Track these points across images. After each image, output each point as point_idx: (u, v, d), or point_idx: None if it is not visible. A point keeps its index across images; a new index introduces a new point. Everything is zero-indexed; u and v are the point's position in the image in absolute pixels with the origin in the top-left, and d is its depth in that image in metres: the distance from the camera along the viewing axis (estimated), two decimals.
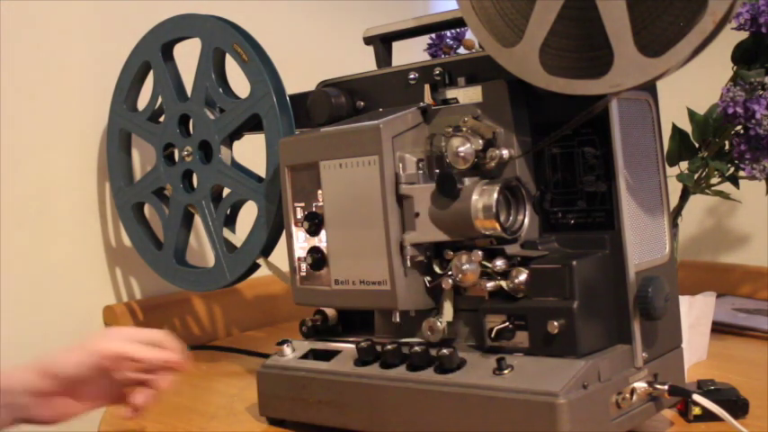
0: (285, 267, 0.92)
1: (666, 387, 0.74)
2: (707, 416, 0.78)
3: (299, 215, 0.86)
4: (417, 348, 0.77)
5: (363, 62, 0.99)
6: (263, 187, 0.98)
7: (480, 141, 0.77)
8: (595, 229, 0.75)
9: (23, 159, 1.12)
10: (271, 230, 0.98)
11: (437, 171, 0.80)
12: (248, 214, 1.02)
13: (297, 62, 1.24)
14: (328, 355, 0.84)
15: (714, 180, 0.99)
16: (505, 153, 0.76)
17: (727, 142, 0.95)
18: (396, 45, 0.96)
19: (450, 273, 0.78)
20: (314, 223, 0.84)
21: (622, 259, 0.73)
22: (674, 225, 0.94)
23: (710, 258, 1.48)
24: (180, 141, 1.07)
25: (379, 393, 0.77)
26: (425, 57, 1.11)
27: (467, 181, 0.76)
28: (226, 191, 1.04)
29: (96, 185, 1.21)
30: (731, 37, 0.89)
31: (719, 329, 1.16)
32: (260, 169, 1.00)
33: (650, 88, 0.78)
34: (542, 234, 0.78)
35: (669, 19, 0.63)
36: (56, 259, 1.16)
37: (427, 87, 0.84)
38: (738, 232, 1.46)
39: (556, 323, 0.70)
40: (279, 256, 0.98)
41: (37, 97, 1.14)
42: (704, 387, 0.81)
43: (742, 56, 0.94)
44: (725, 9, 0.61)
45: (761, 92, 0.88)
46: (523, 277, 0.74)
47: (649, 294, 0.72)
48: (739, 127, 0.92)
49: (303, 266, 0.86)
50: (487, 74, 0.79)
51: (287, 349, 0.88)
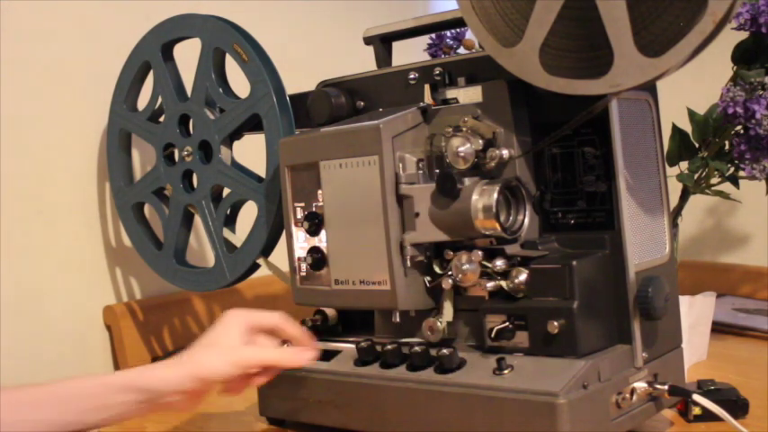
0: (285, 267, 0.92)
1: (666, 387, 0.74)
2: (707, 416, 0.79)
3: (299, 215, 0.86)
4: (417, 348, 0.77)
5: (363, 62, 0.99)
6: (263, 187, 0.98)
7: (480, 141, 0.77)
8: (595, 229, 0.75)
9: (23, 159, 1.12)
10: (271, 230, 0.98)
11: (437, 171, 0.80)
12: (248, 214, 1.02)
13: (297, 62, 1.24)
14: (328, 355, 0.84)
15: (714, 180, 0.99)
16: (505, 153, 0.76)
17: (727, 142, 0.95)
18: (396, 45, 0.96)
19: (450, 273, 0.78)
20: (314, 223, 0.84)
21: (622, 259, 0.73)
22: (674, 225, 0.94)
23: (710, 258, 1.48)
24: (180, 141, 1.06)
25: (379, 393, 0.77)
26: (425, 57, 1.11)
27: (467, 181, 0.76)
28: (226, 191, 1.04)
29: (96, 185, 1.21)
30: (731, 37, 0.89)
31: (719, 329, 1.16)
32: (260, 169, 1.00)
33: (650, 88, 0.78)
34: (542, 234, 0.78)
35: (669, 19, 0.63)
36: (56, 259, 1.15)
37: (427, 87, 0.84)
38: (738, 232, 1.46)
39: (556, 323, 0.70)
40: (279, 256, 0.98)
41: (37, 97, 1.14)
42: (704, 387, 0.81)
43: (742, 56, 0.94)
44: (725, 9, 0.61)
45: (761, 92, 0.88)
46: (523, 277, 0.74)
47: (649, 294, 0.72)
48: (739, 127, 0.92)
49: (303, 266, 0.86)
50: (487, 74, 0.79)
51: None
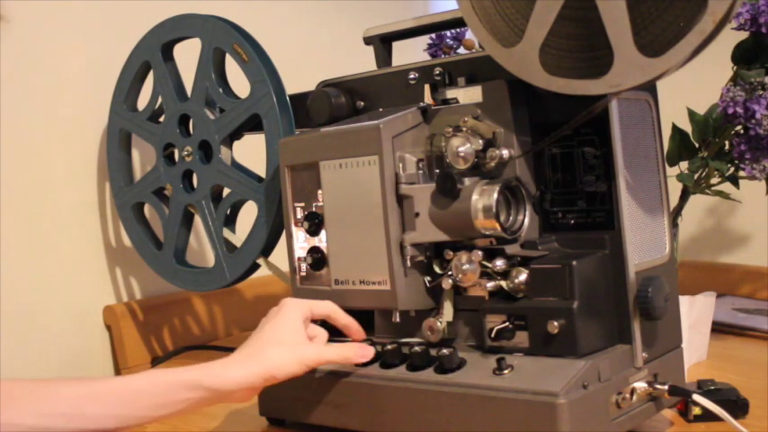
0: (285, 267, 0.92)
1: (666, 387, 0.74)
2: (707, 416, 0.78)
3: (299, 215, 0.86)
4: (417, 348, 0.77)
5: (363, 62, 0.99)
6: (263, 187, 0.98)
7: (480, 141, 0.77)
8: (595, 229, 0.75)
9: (23, 159, 1.12)
10: (271, 230, 0.98)
11: (437, 171, 0.80)
12: (248, 214, 1.02)
13: (297, 62, 1.24)
14: None
15: (714, 180, 0.99)
16: (505, 153, 0.76)
17: (727, 142, 0.95)
18: (396, 45, 0.96)
19: (450, 273, 0.78)
20: (314, 223, 0.84)
21: (622, 259, 0.73)
22: (674, 225, 0.94)
23: (710, 258, 1.48)
24: (180, 141, 1.06)
25: (379, 393, 0.77)
26: (425, 57, 1.11)
27: (467, 181, 0.76)
28: (226, 191, 1.04)
29: (96, 185, 1.21)
30: (731, 37, 0.89)
31: (719, 329, 1.16)
32: (260, 169, 1.00)
33: (650, 88, 0.78)
34: (542, 234, 0.78)
35: (669, 19, 0.63)
36: (56, 259, 1.16)
37: (427, 87, 0.84)
38: (738, 232, 1.46)
39: (556, 323, 0.70)
40: (279, 256, 0.98)
41: (37, 97, 1.14)
42: (704, 387, 0.81)
43: (742, 56, 0.94)
44: (725, 9, 0.61)
45: (761, 92, 0.88)
46: (523, 277, 0.74)
47: (649, 294, 0.72)
48: (739, 127, 0.92)
49: (303, 266, 0.86)
50: (487, 74, 0.79)
51: None
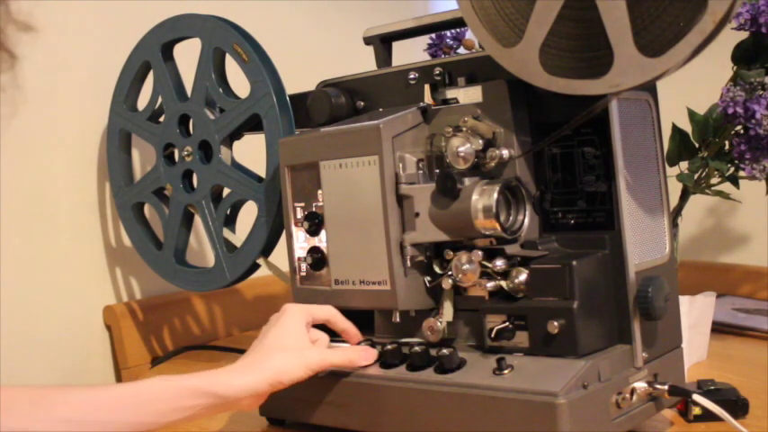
0: (285, 267, 0.92)
1: (666, 387, 0.74)
2: (707, 416, 0.78)
3: (299, 215, 0.86)
4: (417, 348, 0.77)
5: (363, 62, 0.99)
6: (263, 187, 0.98)
7: (480, 141, 0.77)
8: (595, 229, 0.75)
9: (23, 159, 1.12)
10: (271, 230, 0.98)
11: (437, 171, 0.80)
12: (248, 214, 1.02)
13: (297, 62, 1.24)
14: None
15: (714, 180, 0.99)
16: (505, 153, 0.76)
17: (727, 142, 0.95)
18: (396, 45, 0.96)
19: (450, 273, 0.78)
20: (314, 223, 0.84)
21: (622, 259, 0.73)
22: (674, 225, 0.94)
23: (710, 258, 1.48)
24: (180, 141, 1.06)
25: (379, 393, 0.77)
26: (425, 57, 1.11)
27: (467, 181, 0.76)
28: (226, 191, 1.04)
29: (96, 185, 1.21)
30: (731, 37, 0.89)
31: (719, 329, 1.16)
32: (260, 169, 1.00)
33: (650, 88, 0.78)
34: (542, 234, 0.78)
35: (669, 19, 0.63)
36: (56, 259, 1.16)
37: (427, 87, 0.84)
38: (738, 232, 1.46)
39: (556, 323, 0.70)
40: (279, 256, 0.98)
41: (37, 97, 1.14)
42: (704, 387, 0.81)
43: (742, 56, 0.94)
44: (725, 9, 0.61)
45: (761, 92, 0.88)
46: (523, 277, 0.74)
47: (649, 294, 0.72)
48: (739, 127, 0.92)
49: (303, 266, 0.86)
50: (487, 74, 0.79)
51: None
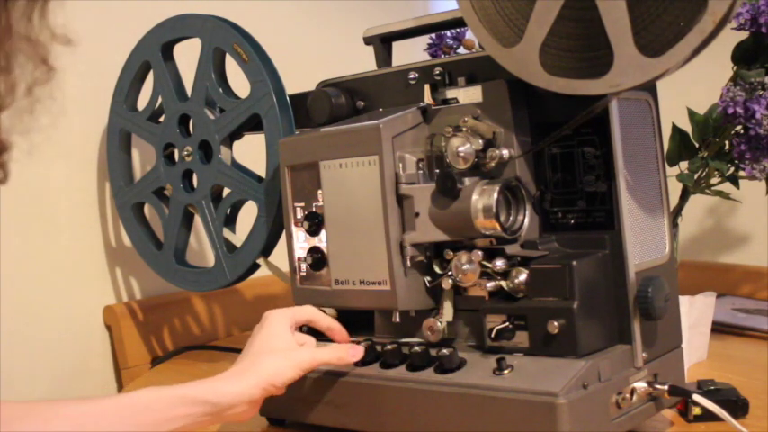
0: (285, 267, 0.92)
1: (666, 387, 0.74)
2: (707, 416, 0.78)
3: (299, 215, 0.86)
4: (417, 348, 0.76)
5: (363, 62, 0.99)
6: (263, 187, 0.98)
7: (480, 141, 0.77)
8: (595, 229, 0.75)
9: (23, 159, 1.12)
10: (271, 230, 0.98)
11: (437, 171, 0.80)
12: (248, 214, 1.02)
13: (297, 62, 1.24)
14: None
15: (714, 180, 0.99)
16: (505, 153, 0.76)
17: (727, 142, 0.95)
18: (396, 45, 0.96)
19: (450, 273, 0.78)
20: (314, 223, 0.84)
21: (622, 259, 0.73)
22: (674, 225, 0.94)
23: (710, 258, 1.48)
24: (180, 141, 1.06)
25: (379, 393, 0.77)
26: (425, 57, 1.11)
27: (467, 181, 0.76)
28: (226, 191, 1.04)
29: (96, 185, 1.21)
30: (731, 37, 0.89)
31: (719, 329, 1.16)
32: (260, 169, 1.00)
33: (650, 88, 0.78)
34: (542, 234, 0.78)
35: (669, 19, 0.63)
36: (56, 259, 1.15)
37: (427, 87, 0.84)
38: (738, 232, 1.46)
39: (556, 323, 0.70)
40: (279, 256, 0.98)
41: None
42: (704, 387, 0.81)
43: (742, 56, 0.94)
44: (725, 9, 0.61)
45: (761, 92, 0.88)
46: (523, 277, 0.74)
47: (649, 294, 0.72)
48: (739, 127, 0.92)
49: (303, 266, 0.86)
50: (487, 74, 0.79)
51: None
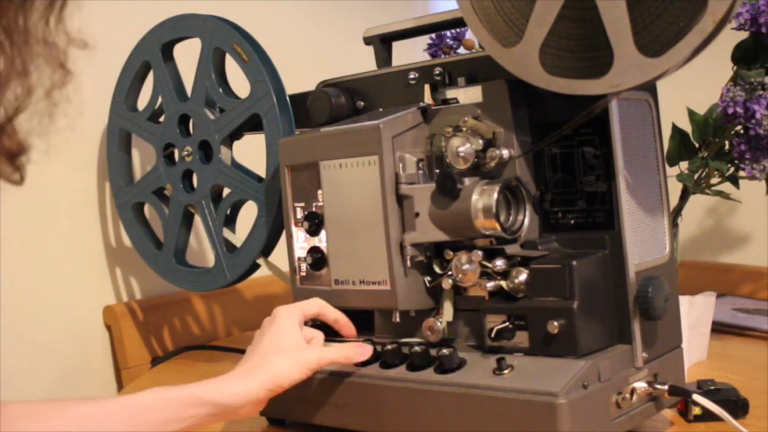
0: (285, 267, 0.92)
1: (666, 387, 0.74)
2: (707, 416, 0.78)
3: (299, 215, 0.86)
4: (417, 348, 0.76)
5: (363, 62, 0.99)
6: (263, 187, 0.98)
7: (480, 141, 0.77)
8: (595, 229, 0.75)
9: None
10: (271, 230, 0.98)
11: (437, 171, 0.80)
12: (248, 214, 1.02)
13: (297, 62, 1.24)
14: None
15: (714, 180, 0.99)
16: (505, 153, 0.76)
17: (727, 142, 0.95)
18: (396, 45, 0.96)
19: (450, 273, 0.78)
20: (314, 223, 0.84)
21: (622, 259, 0.73)
22: (674, 225, 0.94)
23: (710, 258, 1.48)
24: (180, 141, 1.06)
25: (379, 393, 0.77)
26: (425, 57, 1.11)
27: (467, 181, 0.76)
28: (226, 191, 1.04)
29: (96, 185, 1.21)
30: (731, 37, 0.88)
31: (719, 329, 1.16)
32: (260, 169, 1.00)
33: (650, 88, 0.78)
34: (542, 234, 0.78)
35: (669, 19, 0.63)
36: (56, 259, 1.15)
37: (427, 87, 0.84)
38: (738, 232, 1.46)
39: (556, 323, 0.70)
40: (279, 256, 0.98)
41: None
42: (704, 387, 0.81)
43: (742, 56, 0.94)
44: (725, 9, 0.61)
45: (761, 92, 0.88)
46: (523, 277, 0.74)
47: (649, 294, 0.72)
48: (739, 127, 0.92)
49: (303, 266, 0.86)
50: (487, 74, 0.79)
51: None
